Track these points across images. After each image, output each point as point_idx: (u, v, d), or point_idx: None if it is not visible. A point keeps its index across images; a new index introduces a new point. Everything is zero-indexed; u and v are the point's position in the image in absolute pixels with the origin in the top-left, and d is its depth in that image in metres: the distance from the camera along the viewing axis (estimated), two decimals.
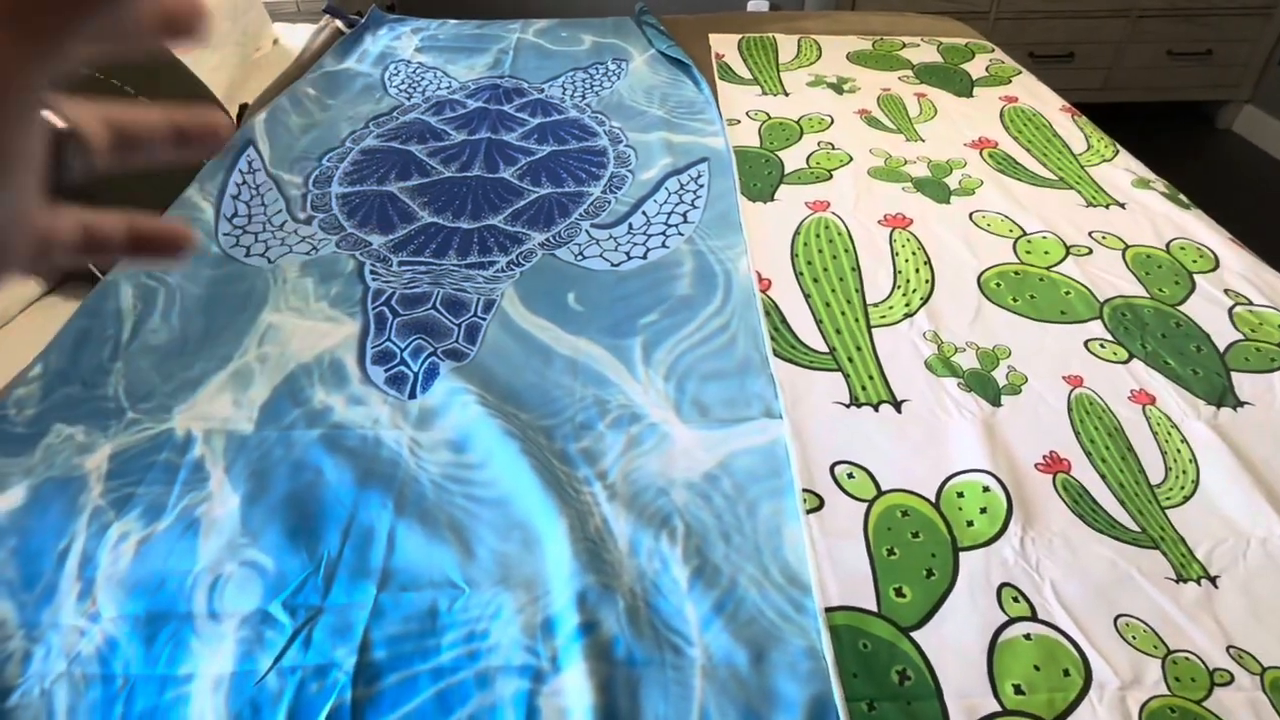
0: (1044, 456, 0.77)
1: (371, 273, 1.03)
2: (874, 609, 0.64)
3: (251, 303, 0.98)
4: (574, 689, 0.59)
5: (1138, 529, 0.70)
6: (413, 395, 0.85)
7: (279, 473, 0.76)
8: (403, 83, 1.54)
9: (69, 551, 0.70)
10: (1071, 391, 0.84)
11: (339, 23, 1.77)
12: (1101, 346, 0.90)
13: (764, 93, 1.49)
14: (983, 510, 0.71)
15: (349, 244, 1.09)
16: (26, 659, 0.62)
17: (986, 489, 0.73)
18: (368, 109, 1.44)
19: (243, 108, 1.46)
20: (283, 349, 0.91)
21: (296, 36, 1.80)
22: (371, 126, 1.38)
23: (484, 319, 0.96)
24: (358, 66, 1.60)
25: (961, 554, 0.68)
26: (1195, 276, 1.00)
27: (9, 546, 0.70)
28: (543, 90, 1.51)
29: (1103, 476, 0.75)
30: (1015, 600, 0.64)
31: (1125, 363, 0.88)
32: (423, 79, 1.56)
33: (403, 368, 0.88)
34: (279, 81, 1.54)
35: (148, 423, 0.82)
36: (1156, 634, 0.62)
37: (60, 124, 0.20)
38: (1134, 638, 0.62)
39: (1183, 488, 0.74)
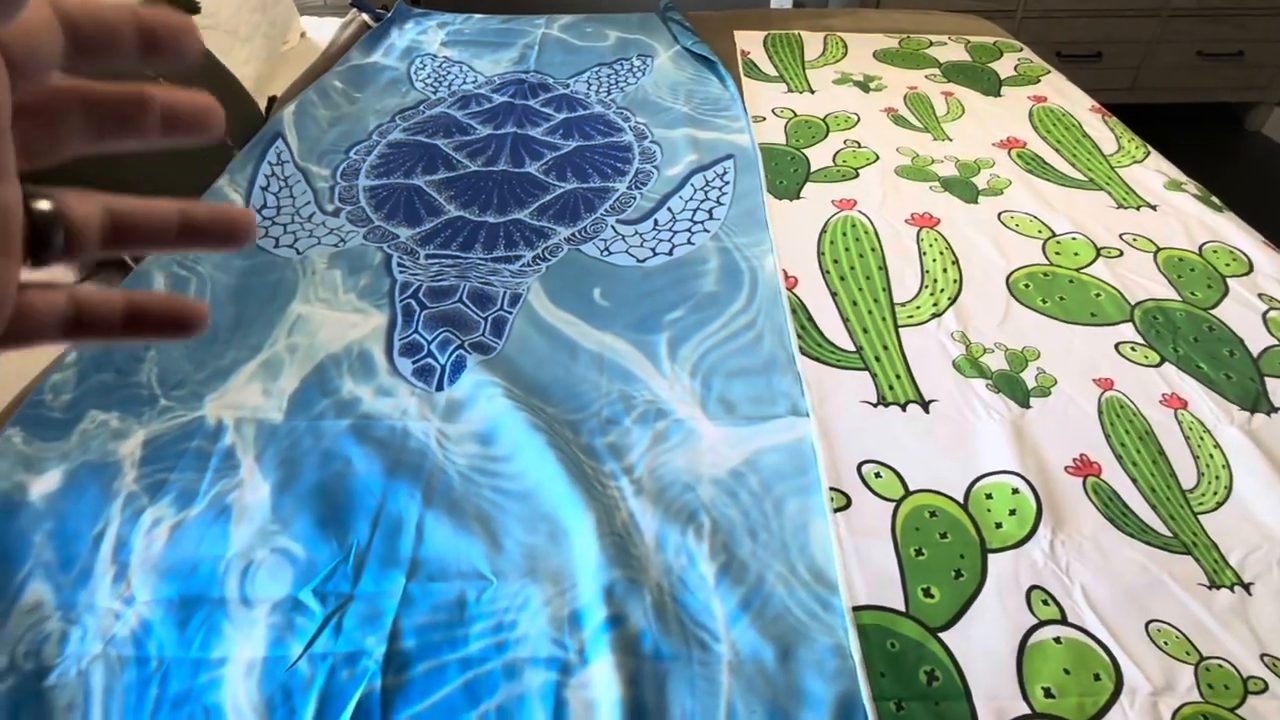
0: (1074, 459, 0.76)
1: (399, 265, 1.04)
2: (902, 609, 0.64)
3: (281, 293, 0.99)
4: (601, 682, 0.59)
5: (1169, 534, 0.69)
6: (440, 387, 0.86)
7: (308, 462, 0.77)
8: (429, 77, 1.55)
9: (104, 535, 0.71)
10: (1102, 394, 0.83)
11: (366, 17, 1.78)
12: (1133, 350, 0.89)
13: (790, 90, 1.48)
14: (1012, 512, 0.71)
15: (376, 236, 1.10)
16: (64, 640, 0.63)
17: (1015, 491, 0.73)
18: (394, 103, 1.45)
19: (271, 100, 1.47)
20: (312, 339, 0.92)
21: (324, 30, 1.82)
22: (398, 120, 1.39)
23: (510, 313, 0.96)
24: (384, 60, 1.61)
25: (990, 555, 0.67)
26: (1228, 280, 0.98)
27: (46, 529, 0.71)
28: (568, 86, 1.51)
29: (1134, 480, 0.74)
30: (1045, 603, 0.64)
31: (1157, 366, 0.87)
32: (448, 73, 1.56)
33: (430, 360, 0.89)
34: (306, 74, 1.55)
35: (180, 410, 0.83)
36: (1189, 640, 0.61)
37: (43, 206, 0.19)
38: (1166, 643, 0.61)
39: (1215, 493, 0.73)
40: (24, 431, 0.79)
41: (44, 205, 0.19)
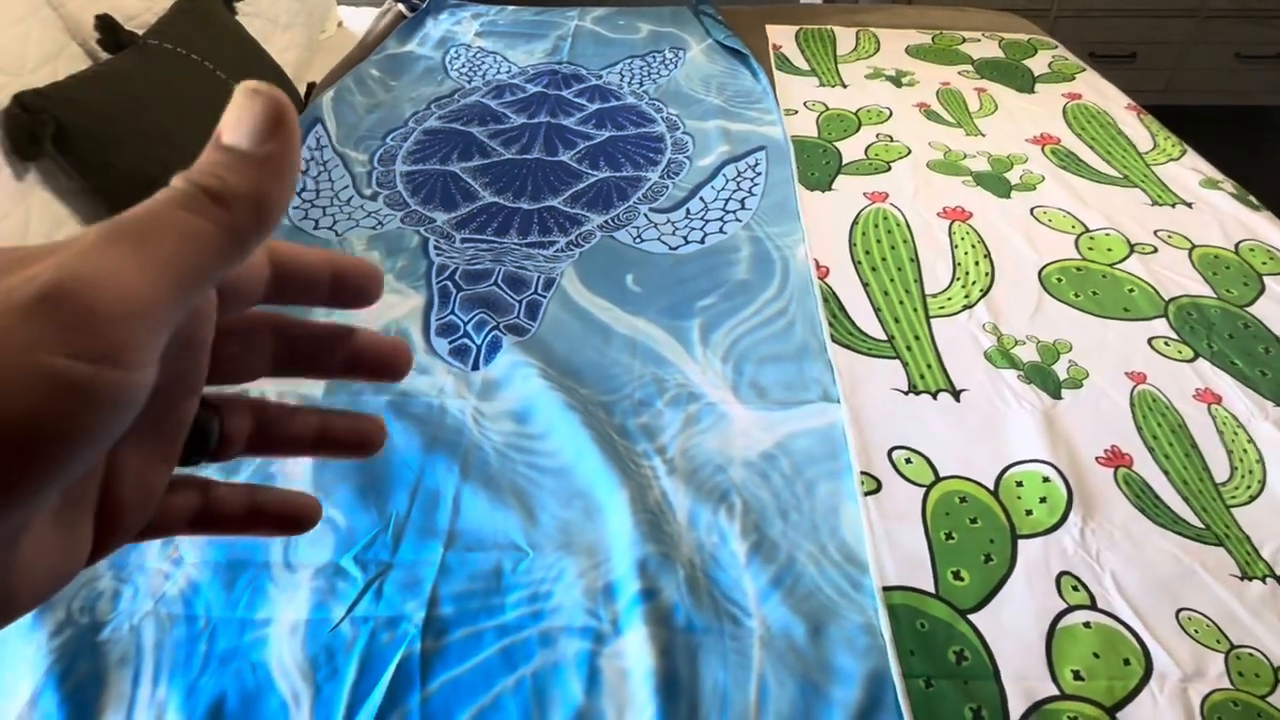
0: (1105, 450, 0.76)
1: (435, 248, 1.05)
2: (931, 590, 0.64)
3: None
4: (635, 652, 0.60)
5: (1201, 525, 0.69)
6: (476, 367, 0.87)
7: None
8: (463, 66, 1.57)
9: None
10: (1134, 388, 0.83)
11: (402, 6, 1.80)
12: (1166, 344, 0.89)
13: (822, 84, 1.49)
14: (1042, 500, 0.71)
15: (413, 220, 1.12)
16: (116, 597, 0.65)
17: (1046, 479, 0.73)
18: (429, 91, 1.47)
19: (310, 86, 1.50)
20: (351, 318, 0.94)
21: (361, 20, 1.84)
22: (433, 108, 1.41)
23: (544, 296, 0.98)
24: (419, 50, 1.63)
25: (1020, 541, 0.68)
26: (1265, 278, 0.98)
27: None
28: (600, 77, 1.53)
29: (1165, 473, 0.74)
30: (1075, 589, 0.64)
31: (1190, 361, 0.86)
32: (483, 63, 1.58)
33: (466, 340, 0.91)
34: (344, 62, 1.58)
35: (223, 387, 0.85)
36: (1220, 629, 0.62)
37: (211, 421, 0.19)
38: (1196, 631, 0.61)
39: (1249, 487, 0.73)
40: None
41: (209, 417, 0.19)
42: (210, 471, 0.21)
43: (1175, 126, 1.37)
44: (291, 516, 0.22)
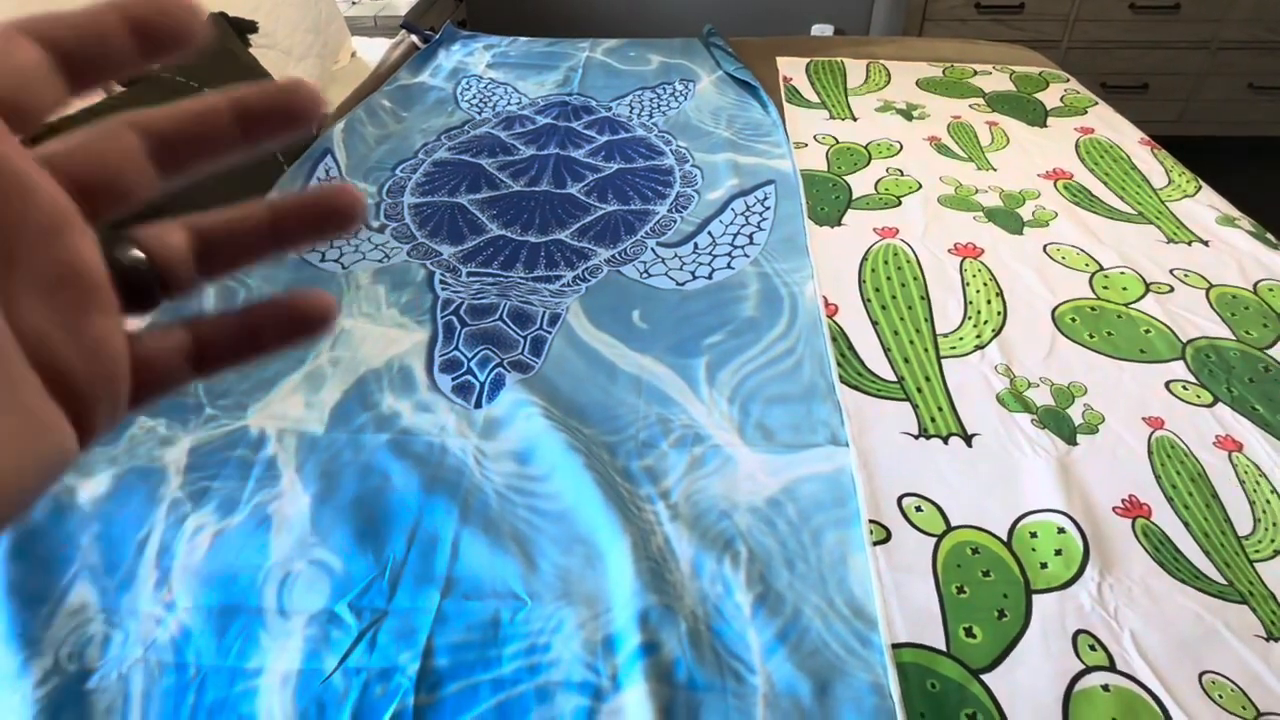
0: (1123, 500, 0.74)
1: (441, 282, 1.05)
2: (943, 648, 0.62)
3: None
4: (634, 709, 0.58)
5: (1224, 581, 0.67)
6: (478, 405, 0.86)
7: (348, 475, 0.78)
8: (474, 97, 1.58)
9: (148, 540, 0.72)
10: (1152, 434, 0.81)
11: (415, 38, 1.82)
12: (1184, 388, 0.86)
13: (832, 117, 1.48)
14: (1058, 552, 0.69)
15: (420, 253, 1.11)
16: (106, 643, 0.64)
17: (1061, 530, 0.71)
18: (440, 122, 1.48)
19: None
20: (354, 353, 0.93)
21: (374, 50, 1.86)
22: (443, 139, 1.42)
23: (549, 332, 0.97)
24: (431, 81, 1.64)
25: (1035, 596, 0.66)
26: None
27: (93, 532, 0.72)
28: (610, 108, 1.53)
29: (1186, 524, 0.72)
30: (1092, 648, 0.62)
31: (1210, 406, 0.84)
32: (494, 94, 1.59)
33: (469, 377, 0.90)
34: (356, 93, 1.59)
35: (225, 419, 0.85)
36: (1245, 694, 0.59)
37: (129, 254, 0.18)
38: (1220, 696, 0.59)
39: (1273, 540, 0.71)
40: None
41: (130, 253, 0.18)
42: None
43: (1188, 157, 1.35)
44: (301, 313, 0.20)
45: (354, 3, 2.05)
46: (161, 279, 0.18)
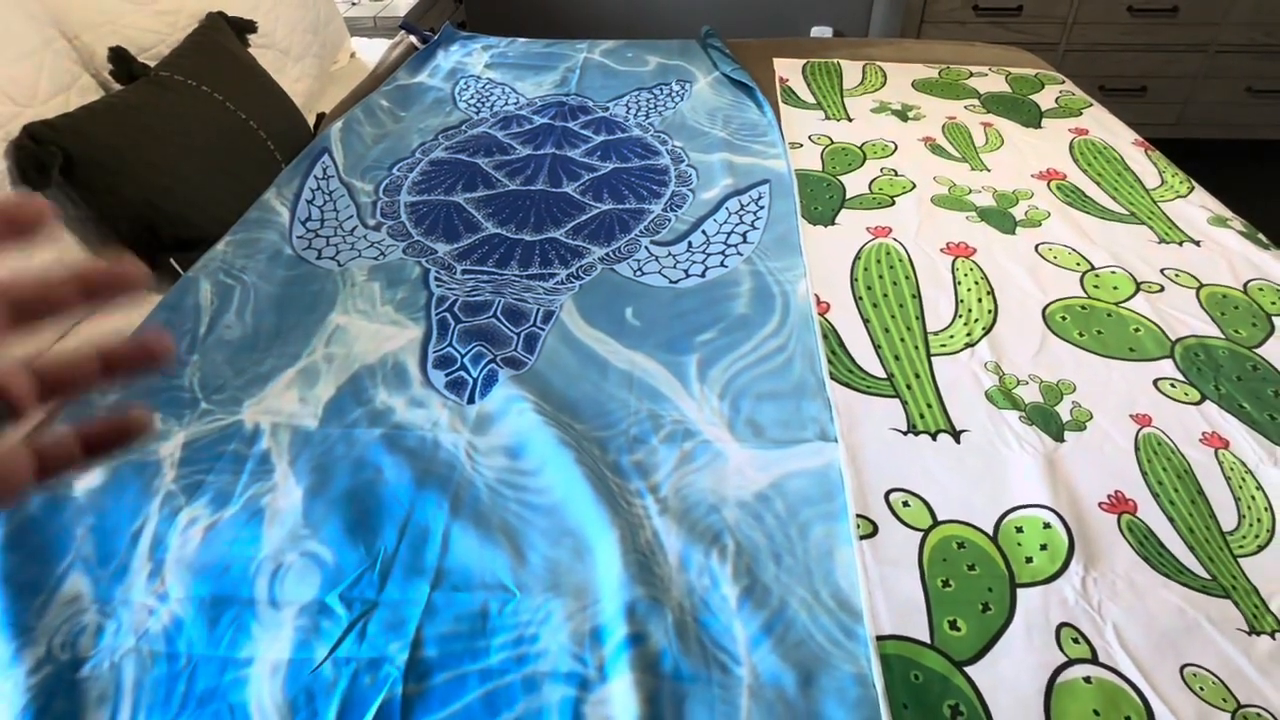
0: (1109, 496, 0.75)
1: (436, 279, 1.06)
2: (927, 640, 0.63)
3: (321, 303, 1.02)
4: (620, 699, 0.59)
5: (1208, 576, 0.68)
6: (471, 400, 0.87)
7: (340, 469, 0.79)
8: (472, 97, 1.59)
9: (142, 532, 0.73)
10: (1139, 431, 0.81)
11: (413, 38, 1.83)
12: (1172, 386, 0.87)
13: (827, 117, 1.49)
14: (1043, 547, 0.69)
15: (415, 251, 1.12)
16: (99, 632, 0.65)
17: (1047, 525, 0.71)
18: (438, 121, 1.49)
19: (319, 116, 1.52)
20: (349, 349, 0.94)
21: (373, 51, 1.87)
22: (441, 139, 1.43)
23: (543, 329, 0.97)
24: (429, 81, 1.65)
25: (1019, 590, 0.66)
26: (1275, 319, 0.96)
27: (87, 524, 0.73)
28: (607, 109, 1.54)
29: (1171, 520, 0.72)
30: (1075, 641, 0.62)
31: (1197, 404, 0.85)
32: (491, 94, 1.60)
33: (462, 373, 0.90)
34: (355, 93, 1.60)
35: (219, 414, 0.85)
36: (1226, 686, 0.59)
37: None
38: (1201, 689, 0.59)
39: (1257, 536, 0.71)
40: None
41: None
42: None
43: (1186, 160, 1.36)
44: (118, 427, 0.24)
45: (354, 3, 2.06)
46: (9, 410, 0.22)
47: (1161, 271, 1.05)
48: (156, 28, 1.25)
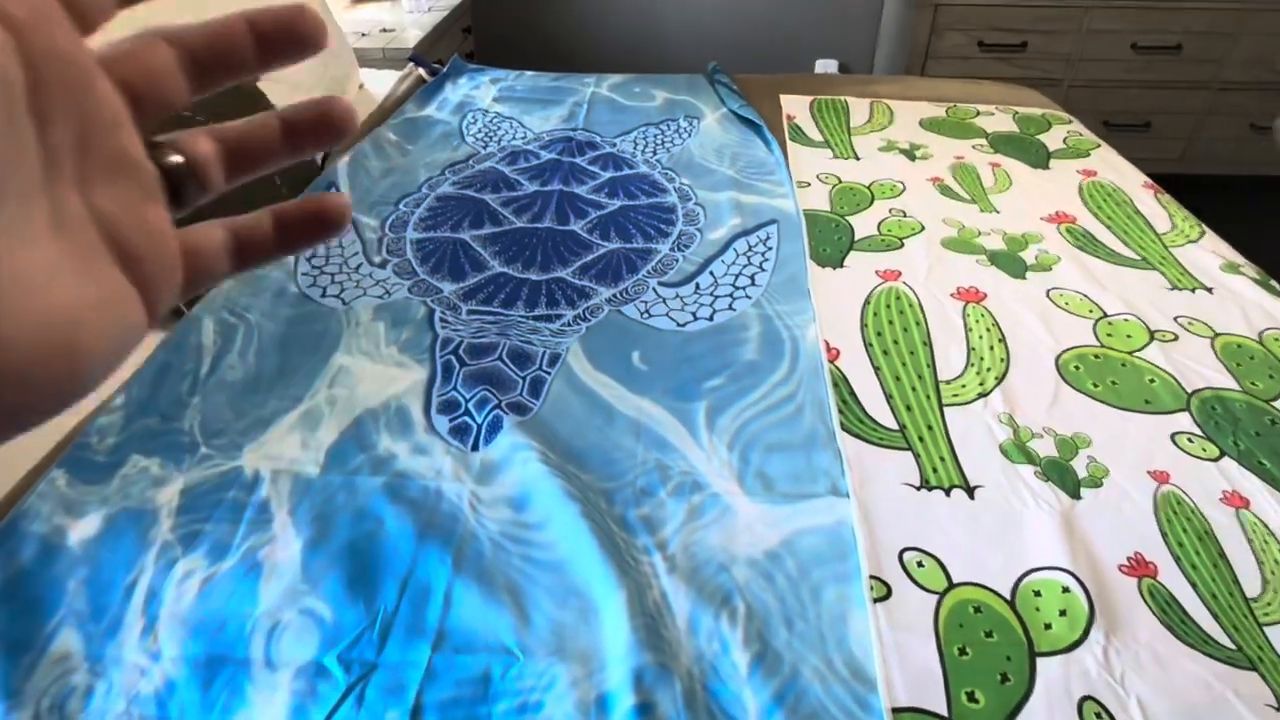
0: (1128, 558, 0.73)
1: (441, 320, 1.05)
2: (944, 713, 0.61)
3: (325, 344, 1.00)
4: None
5: (1233, 646, 0.65)
6: (475, 447, 0.85)
7: (341, 519, 0.77)
8: (479, 131, 1.59)
9: (136, 585, 0.71)
10: (1157, 488, 0.80)
11: (422, 71, 1.84)
12: (1190, 441, 0.85)
13: (835, 156, 1.49)
14: (1062, 613, 0.67)
15: (421, 290, 1.11)
16: (89, 694, 0.63)
17: (1066, 589, 0.69)
18: (445, 156, 1.49)
19: (326, 151, 1.51)
20: (352, 392, 0.93)
21: (381, 82, 1.88)
22: (448, 174, 1.42)
23: (549, 373, 0.96)
24: (437, 114, 1.66)
25: (1039, 659, 0.64)
26: None
27: (80, 576, 0.71)
28: (615, 144, 1.54)
29: (1193, 585, 0.70)
30: (1099, 716, 0.60)
31: (1216, 460, 0.83)
32: (499, 128, 1.60)
33: (467, 418, 0.89)
34: (363, 126, 1.60)
35: (219, 459, 0.84)
36: None
37: (171, 159, 0.20)
38: None
39: None
40: (68, 474, 0.80)
41: (171, 158, 0.20)
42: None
43: (1190, 197, 1.35)
44: (318, 215, 0.23)
45: (363, 34, 2.08)
46: (198, 182, 0.20)
47: (1175, 319, 1.04)
48: None
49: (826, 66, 2.72)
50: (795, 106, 1.69)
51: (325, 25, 0.21)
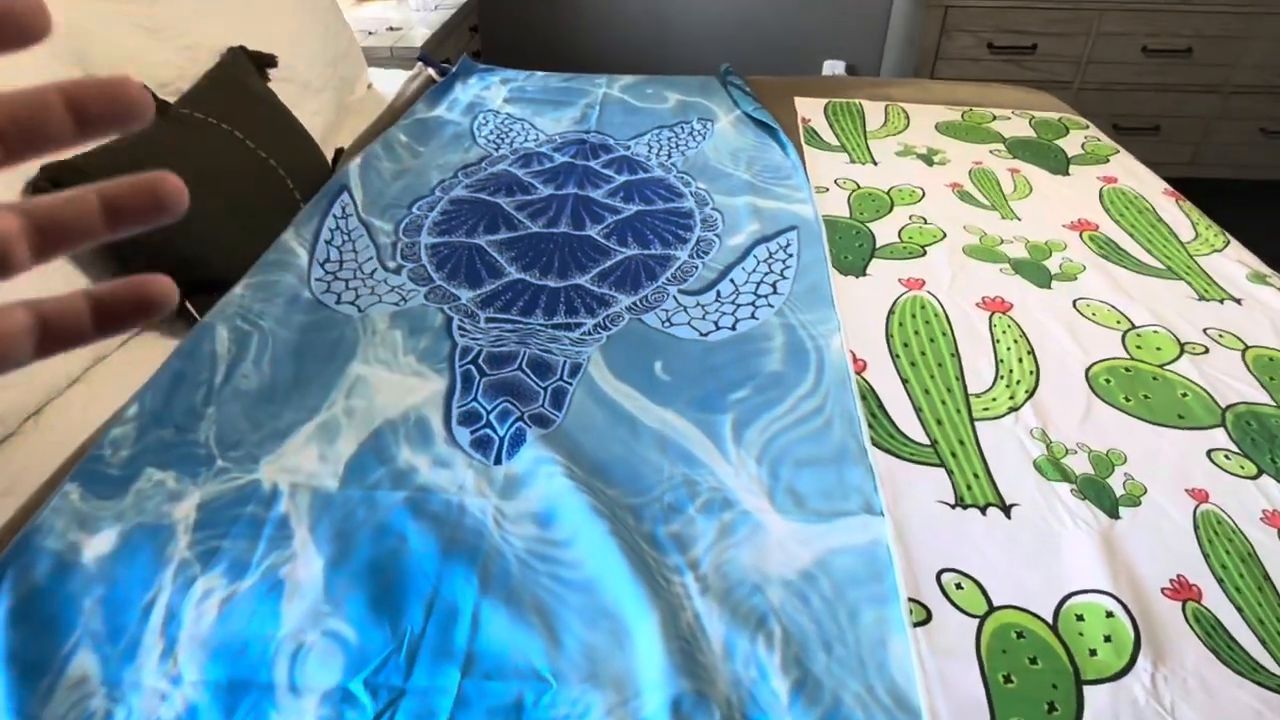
0: (1171, 581, 0.71)
1: (459, 328, 1.02)
2: None
3: (341, 352, 0.98)
4: None
5: None
6: (498, 461, 0.83)
7: (362, 536, 0.75)
8: (491, 133, 1.56)
9: (154, 605, 0.69)
10: (1197, 507, 0.78)
11: (431, 71, 1.81)
12: (1227, 458, 0.84)
13: (852, 160, 1.47)
14: (1107, 638, 0.66)
15: (438, 296, 1.09)
16: (107, 719, 0.61)
17: (1110, 614, 0.68)
18: (457, 158, 1.46)
19: (338, 152, 1.49)
20: (370, 403, 0.91)
21: (389, 81, 1.85)
22: (460, 176, 1.40)
23: (570, 384, 0.94)
24: (448, 115, 1.63)
25: (1086, 688, 0.63)
26: None
27: (96, 595, 0.69)
28: (629, 147, 1.52)
29: (1239, 609, 0.69)
30: None
31: (1254, 478, 0.82)
32: (510, 130, 1.58)
33: (489, 431, 0.87)
34: (373, 127, 1.58)
35: (236, 472, 0.82)
36: None
37: None
38: None
39: None
40: (82, 488, 0.78)
41: None
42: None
43: (1200, 200, 1.34)
44: (136, 297, 0.21)
45: (370, 33, 2.05)
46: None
47: (1205, 331, 1.02)
48: (177, 63, 1.22)
49: (834, 68, 2.70)
50: (810, 109, 1.67)
51: (150, 102, 0.20)
